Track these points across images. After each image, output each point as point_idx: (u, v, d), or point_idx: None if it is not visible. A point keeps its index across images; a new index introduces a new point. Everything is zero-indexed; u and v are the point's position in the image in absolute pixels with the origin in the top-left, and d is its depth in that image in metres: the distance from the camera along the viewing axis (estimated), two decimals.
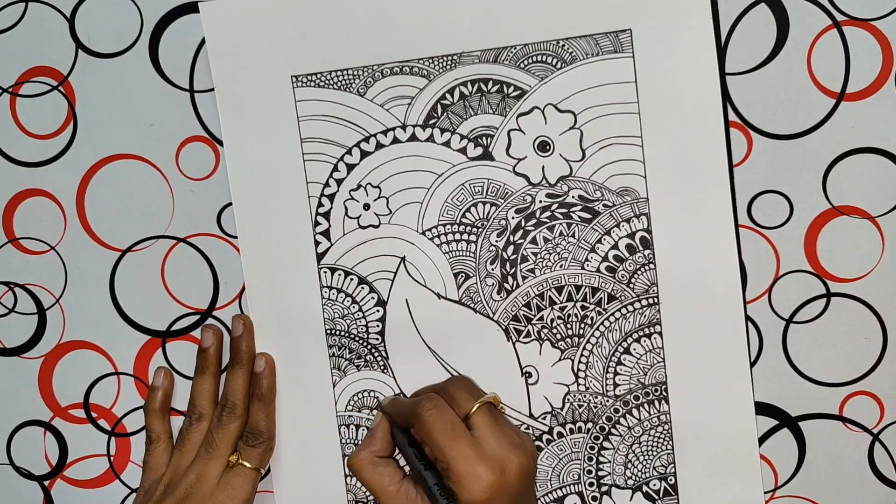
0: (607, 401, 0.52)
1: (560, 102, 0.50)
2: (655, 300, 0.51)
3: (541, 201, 0.51)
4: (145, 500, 0.51)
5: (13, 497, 0.56)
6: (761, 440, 0.52)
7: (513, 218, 0.51)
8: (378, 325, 0.53)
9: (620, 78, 0.50)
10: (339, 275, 0.52)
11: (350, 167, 0.52)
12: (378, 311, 0.53)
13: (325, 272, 0.52)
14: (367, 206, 0.52)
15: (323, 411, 0.53)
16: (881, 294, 0.51)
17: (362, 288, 0.52)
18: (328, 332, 0.53)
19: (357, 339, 0.53)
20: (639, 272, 0.51)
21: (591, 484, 0.53)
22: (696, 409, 0.52)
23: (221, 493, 0.50)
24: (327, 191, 0.52)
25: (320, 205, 0.52)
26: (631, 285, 0.51)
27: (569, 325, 0.52)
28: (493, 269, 0.52)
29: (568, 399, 0.52)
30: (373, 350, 0.53)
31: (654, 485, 0.52)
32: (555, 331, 0.52)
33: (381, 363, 0.53)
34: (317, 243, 0.52)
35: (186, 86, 0.52)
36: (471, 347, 0.52)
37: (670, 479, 0.52)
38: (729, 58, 0.50)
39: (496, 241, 0.52)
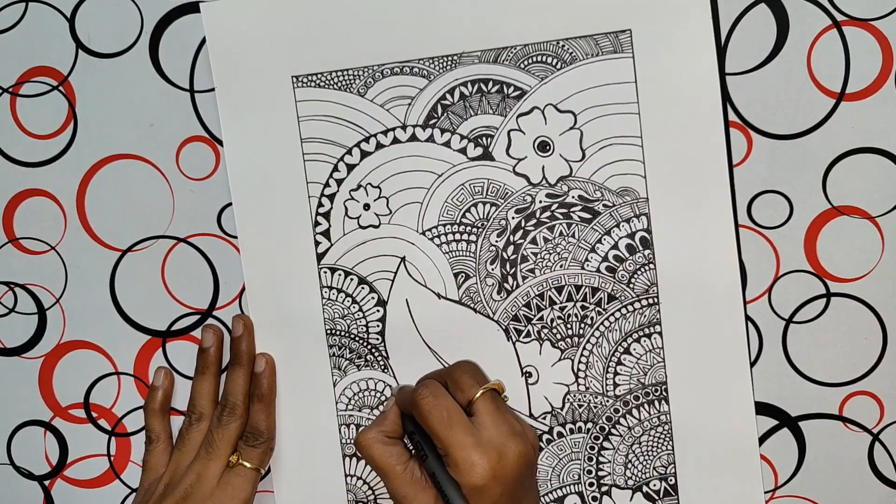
0: (607, 401, 0.52)
1: (560, 102, 0.50)
2: (655, 300, 0.51)
3: (541, 201, 0.51)
4: (145, 500, 0.51)
5: (13, 497, 0.56)
6: (761, 440, 0.52)
7: (513, 218, 0.51)
8: (378, 325, 0.53)
9: (620, 78, 0.50)
10: (339, 275, 0.52)
11: (350, 167, 0.52)
12: (378, 311, 0.53)
13: (325, 272, 0.52)
14: (367, 206, 0.52)
15: (323, 411, 0.53)
16: (881, 294, 0.51)
17: (362, 288, 0.52)
18: (328, 332, 0.53)
19: (357, 339, 0.53)
20: (639, 272, 0.51)
21: (591, 484, 0.53)
22: (696, 409, 0.52)
23: (221, 493, 0.50)
24: (327, 191, 0.52)
25: (320, 205, 0.52)
26: (631, 285, 0.51)
27: (569, 325, 0.52)
28: (493, 269, 0.52)
29: (568, 399, 0.52)
30: (373, 350, 0.53)
31: (655, 485, 0.52)
32: (555, 331, 0.52)
33: (382, 363, 0.53)
34: (317, 243, 0.52)
35: (186, 86, 0.52)
36: (471, 347, 0.52)
37: (670, 480, 0.52)
38: (729, 58, 0.50)
39: (496, 241, 0.52)
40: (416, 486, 0.46)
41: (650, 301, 0.51)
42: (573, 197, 0.51)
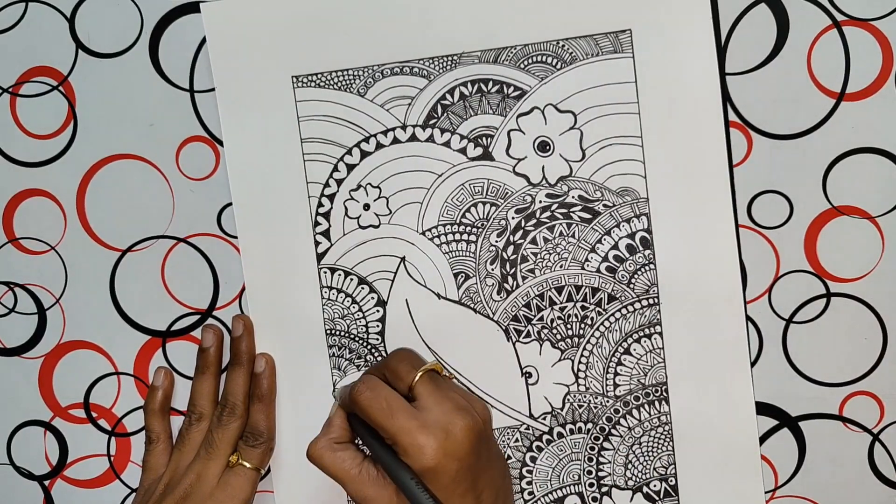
0: (607, 401, 0.52)
1: (560, 102, 0.50)
2: (655, 300, 0.51)
3: (541, 201, 0.51)
4: (145, 500, 0.51)
5: (13, 497, 0.56)
6: (761, 440, 0.52)
7: (513, 218, 0.51)
8: (378, 326, 0.53)
9: (620, 78, 0.50)
10: (339, 275, 0.52)
11: (350, 167, 0.52)
12: (378, 311, 0.53)
13: (325, 272, 0.52)
14: (367, 207, 0.52)
15: (323, 411, 0.53)
16: (881, 294, 0.51)
17: (362, 288, 0.52)
18: (328, 332, 0.53)
19: (357, 339, 0.53)
20: (639, 272, 0.51)
21: (591, 484, 0.53)
22: (696, 409, 0.52)
23: (221, 493, 0.50)
24: (327, 191, 0.52)
25: (320, 205, 0.52)
26: (631, 285, 0.51)
27: (569, 326, 0.52)
28: (493, 270, 0.52)
29: (568, 399, 0.52)
30: (373, 350, 0.53)
31: (655, 486, 0.52)
32: (555, 331, 0.52)
33: None
34: (317, 243, 0.52)
35: (186, 86, 0.52)
36: (471, 347, 0.52)
37: (671, 480, 0.52)
38: (729, 58, 0.50)
39: (496, 242, 0.52)
40: (376, 485, 0.46)
41: (650, 301, 0.51)
42: (573, 197, 0.51)
